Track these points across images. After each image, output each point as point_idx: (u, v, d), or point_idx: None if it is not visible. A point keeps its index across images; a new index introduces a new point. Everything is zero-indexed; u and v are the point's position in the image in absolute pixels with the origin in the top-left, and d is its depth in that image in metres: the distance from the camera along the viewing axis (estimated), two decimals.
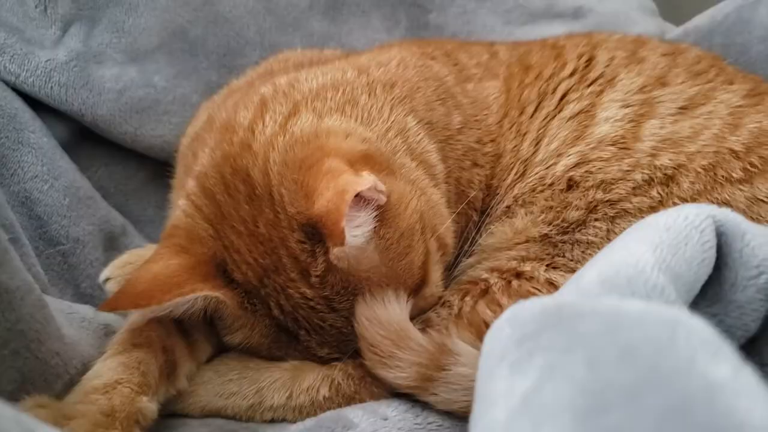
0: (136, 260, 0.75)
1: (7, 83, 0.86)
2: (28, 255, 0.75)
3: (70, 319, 0.66)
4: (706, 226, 0.45)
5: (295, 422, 0.64)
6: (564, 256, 0.70)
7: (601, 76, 0.84)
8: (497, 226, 0.76)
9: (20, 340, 0.52)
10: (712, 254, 0.44)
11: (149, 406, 0.58)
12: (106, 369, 0.59)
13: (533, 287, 0.68)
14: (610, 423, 0.23)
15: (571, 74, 0.85)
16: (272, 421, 0.66)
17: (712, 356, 0.25)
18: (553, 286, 0.68)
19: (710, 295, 0.45)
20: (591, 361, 0.26)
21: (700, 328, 0.27)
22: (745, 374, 0.25)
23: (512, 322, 0.33)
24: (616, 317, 0.28)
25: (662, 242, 0.42)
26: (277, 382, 0.65)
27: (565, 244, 0.70)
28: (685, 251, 0.43)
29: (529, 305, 0.34)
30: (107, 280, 0.75)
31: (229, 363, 0.69)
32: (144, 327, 0.64)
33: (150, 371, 0.61)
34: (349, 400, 0.64)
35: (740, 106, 0.78)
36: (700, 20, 1.24)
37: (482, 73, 0.90)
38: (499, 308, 0.67)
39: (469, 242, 0.76)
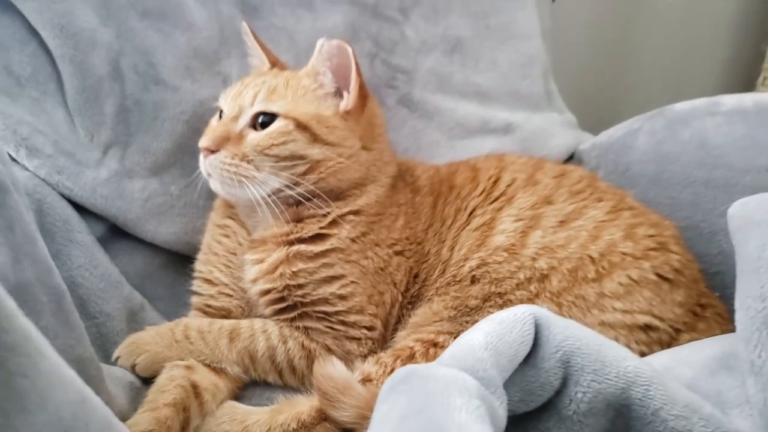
0: (137, 340, 0.99)
1: (62, 195, 1.11)
2: None
3: (109, 378, 0.88)
4: (527, 319, 0.72)
5: None
6: None
7: (503, 194, 1.09)
8: (422, 309, 1.02)
9: None
10: (530, 338, 0.70)
11: None
12: (144, 420, 0.83)
13: None
14: None
15: (481, 194, 1.10)
16: None
17: (462, 404, 0.50)
18: None
19: (530, 364, 0.71)
20: (407, 403, 0.52)
21: (467, 387, 0.53)
22: (475, 413, 0.51)
23: (392, 377, 0.60)
24: (426, 377, 0.54)
25: (494, 331, 0.68)
26: (260, 421, 0.88)
27: (468, 323, 0.95)
28: (509, 336, 0.68)
29: (403, 368, 0.61)
30: (117, 358, 0.99)
31: (223, 409, 0.93)
32: (171, 389, 0.89)
33: (173, 426, 0.85)
34: None
35: (603, 221, 1.02)
36: (602, 138, 1.50)
37: (427, 188, 1.17)
38: None
39: (398, 320, 1.03)
